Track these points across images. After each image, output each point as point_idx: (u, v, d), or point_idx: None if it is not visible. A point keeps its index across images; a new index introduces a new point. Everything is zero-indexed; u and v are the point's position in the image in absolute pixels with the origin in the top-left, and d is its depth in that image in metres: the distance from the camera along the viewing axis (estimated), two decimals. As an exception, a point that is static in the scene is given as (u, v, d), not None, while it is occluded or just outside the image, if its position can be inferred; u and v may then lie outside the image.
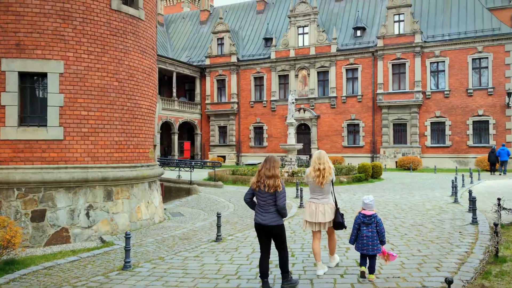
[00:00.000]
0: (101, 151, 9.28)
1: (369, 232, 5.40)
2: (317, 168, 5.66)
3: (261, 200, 5.18)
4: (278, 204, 5.10)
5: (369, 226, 5.42)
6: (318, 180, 5.62)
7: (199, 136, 41.59)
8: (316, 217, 5.70)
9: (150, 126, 10.74)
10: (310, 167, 5.87)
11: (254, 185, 5.19)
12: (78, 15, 8.83)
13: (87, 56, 8.98)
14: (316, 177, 5.65)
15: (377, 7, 37.32)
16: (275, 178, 5.10)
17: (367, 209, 5.52)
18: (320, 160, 5.71)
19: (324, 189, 5.72)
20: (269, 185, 5.05)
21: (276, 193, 5.07)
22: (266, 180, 5.07)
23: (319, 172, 5.63)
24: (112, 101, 9.43)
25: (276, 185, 5.06)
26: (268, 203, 5.12)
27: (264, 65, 38.54)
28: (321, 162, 5.69)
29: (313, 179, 5.70)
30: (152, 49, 10.89)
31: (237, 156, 39.70)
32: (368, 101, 34.47)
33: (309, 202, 5.89)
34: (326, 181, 5.65)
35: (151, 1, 10.73)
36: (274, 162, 5.20)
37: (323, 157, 5.77)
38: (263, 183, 5.10)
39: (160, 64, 36.63)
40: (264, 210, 5.14)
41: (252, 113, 39.13)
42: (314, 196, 5.82)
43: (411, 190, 16.33)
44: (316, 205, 5.74)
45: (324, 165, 5.66)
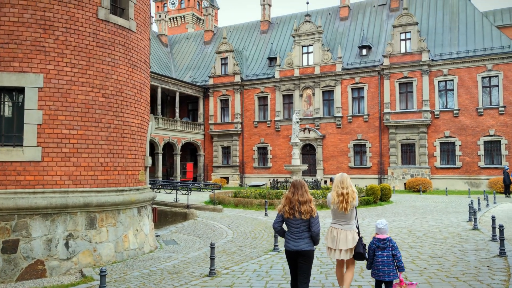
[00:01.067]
0: (84, 173, 8.41)
1: (384, 256, 5.16)
2: (340, 192, 5.36)
3: (293, 227, 5.00)
4: (314, 231, 4.95)
5: (384, 250, 5.18)
6: (342, 205, 5.33)
7: (202, 157, 40.75)
8: (337, 243, 5.41)
9: (140, 146, 9.88)
10: (332, 191, 5.50)
11: (286, 213, 4.99)
12: (61, 24, 8.10)
13: (70, 69, 8.20)
14: (339, 203, 5.35)
15: (382, 25, 36.84)
16: (309, 203, 4.97)
17: (380, 233, 5.30)
18: (343, 184, 5.42)
19: (347, 215, 5.42)
20: (304, 211, 4.91)
21: (311, 218, 4.93)
22: (300, 206, 4.91)
23: (342, 197, 5.34)
24: (97, 118, 8.60)
25: (311, 210, 4.93)
26: (301, 230, 4.97)
27: (268, 85, 37.94)
28: (344, 186, 5.40)
29: (336, 204, 5.39)
30: (144, 63, 10.13)
31: (241, 177, 38.72)
32: (374, 120, 33.58)
33: (331, 227, 5.60)
34: (350, 206, 5.35)
35: (143, 12, 10.03)
36: (305, 187, 5.09)
37: (346, 180, 5.46)
38: (297, 210, 4.93)
39: (163, 84, 36.16)
40: (297, 236, 4.97)
41: (256, 134, 38.33)
42: (337, 222, 5.54)
43: (423, 214, 15.25)
44: (338, 231, 5.47)
45: (348, 189, 5.37)
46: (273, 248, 9.23)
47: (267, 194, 22.06)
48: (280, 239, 9.71)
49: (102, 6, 8.65)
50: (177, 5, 60.86)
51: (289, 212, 4.98)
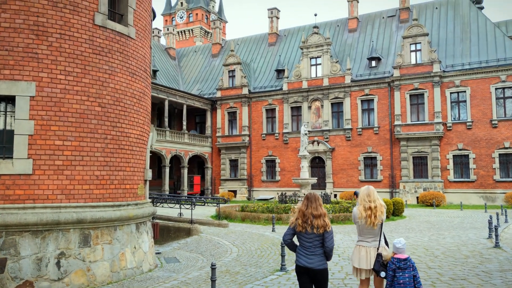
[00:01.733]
0: (78, 187, 7.91)
1: (406, 278, 4.82)
2: (368, 206, 5.03)
3: (306, 242, 4.77)
4: (327, 246, 4.73)
5: (405, 271, 4.83)
6: (370, 220, 5.00)
7: (209, 170, 40.23)
8: (367, 262, 5.07)
9: (139, 158, 9.39)
10: (359, 206, 5.16)
11: (299, 227, 4.76)
12: (55, 30, 7.70)
13: (64, 77, 7.77)
14: (367, 217, 5.00)
15: (392, 37, 36.35)
16: (324, 217, 4.73)
17: (399, 253, 4.92)
18: (370, 197, 5.09)
19: (375, 231, 5.09)
20: (318, 225, 4.68)
21: (325, 233, 4.72)
22: (314, 220, 4.69)
23: (370, 211, 5.01)
24: (93, 129, 8.13)
25: (325, 225, 4.70)
26: (315, 245, 4.74)
27: (276, 97, 37.51)
28: (372, 200, 5.07)
29: (364, 219, 5.04)
30: (144, 72, 9.69)
31: (249, 190, 38.07)
32: (385, 133, 32.86)
33: (357, 246, 5.23)
34: (378, 221, 5.03)
35: (143, 18, 9.63)
36: (319, 200, 4.87)
37: (373, 193, 5.13)
38: (311, 224, 4.70)
39: (171, 96, 35.92)
40: (310, 252, 4.74)
41: (264, 146, 37.78)
42: (364, 238, 5.18)
43: (439, 231, 14.47)
44: (367, 249, 5.11)
45: (375, 203, 5.05)
46: (280, 268, 8.59)
47: (275, 208, 21.41)
48: (289, 257, 9.08)
49: (99, 11, 8.26)
50: (185, 18, 61.11)
51: (302, 226, 4.76)
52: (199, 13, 60.68)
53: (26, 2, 7.47)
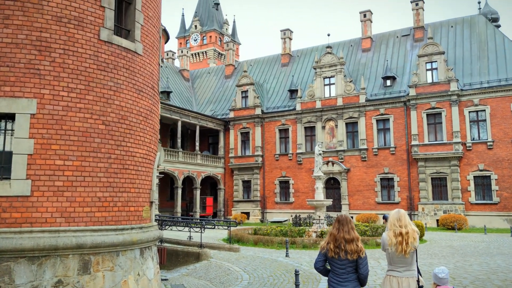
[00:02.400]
0: (79, 209, 7.45)
1: None
2: (399, 232, 4.59)
3: (338, 268, 4.51)
4: (362, 273, 4.46)
5: None
6: (401, 247, 4.54)
7: (222, 191, 39.70)
8: None
9: (145, 179, 8.93)
10: (388, 231, 4.73)
11: (331, 252, 4.52)
12: (58, 46, 7.40)
13: (66, 94, 7.42)
14: (398, 244, 4.56)
15: (407, 56, 35.89)
16: (357, 242, 4.48)
17: (441, 285, 4.40)
18: (401, 222, 4.65)
19: (407, 259, 4.63)
20: (351, 250, 4.43)
21: (359, 259, 4.46)
22: (346, 245, 4.44)
23: (401, 237, 4.57)
24: (96, 148, 7.73)
25: (359, 250, 4.44)
26: (347, 271, 4.49)
27: (289, 117, 37.12)
28: (403, 224, 4.63)
29: (394, 246, 4.61)
30: (152, 89, 9.33)
31: (262, 212, 37.35)
32: (402, 153, 32.04)
33: (388, 276, 4.79)
34: (410, 248, 4.56)
35: (151, 34, 9.33)
36: (351, 223, 4.60)
37: (404, 217, 4.69)
38: (343, 249, 4.45)
39: (184, 117, 35.83)
40: (343, 279, 4.49)
41: (277, 167, 37.20)
42: (395, 268, 4.72)
43: (464, 256, 13.59)
44: (398, 279, 4.66)
45: (407, 228, 4.60)
46: (294, 298, 7.95)
47: (289, 231, 20.71)
48: (303, 285, 8.43)
49: (105, 26, 7.97)
50: (199, 41, 61.75)
51: (334, 251, 4.51)
52: (212, 36, 61.29)
53: (29, 17, 7.21)
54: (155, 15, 9.49)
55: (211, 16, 62.44)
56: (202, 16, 62.71)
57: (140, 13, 8.79)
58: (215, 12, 63.06)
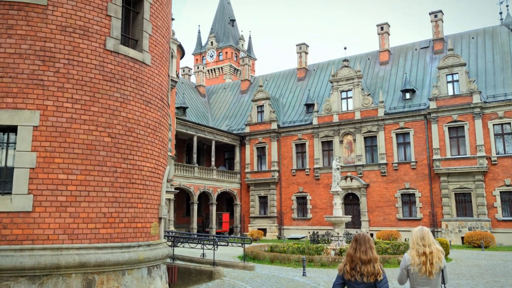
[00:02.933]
0: (83, 226, 7.10)
1: None
2: (422, 251, 4.29)
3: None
4: None
5: None
6: (425, 268, 4.25)
7: (238, 207, 39.19)
8: None
9: (154, 193, 8.56)
10: (411, 250, 4.43)
11: (347, 274, 4.24)
12: (63, 56, 7.18)
13: (71, 105, 7.17)
14: (421, 264, 4.27)
15: (426, 68, 35.15)
16: (374, 263, 4.16)
17: None
18: (424, 241, 4.35)
19: (432, 281, 4.30)
20: (367, 272, 4.13)
21: (377, 283, 4.15)
22: (362, 267, 4.14)
23: (425, 257, 4.27)
24: (101, 161, 7.41)
25: (376, 272, 4.14)
26: None
27: (306, 131, 36.60)
28: (426, 244, 4.33)
29: (417, 266, 4.30)
30: (161, 100, 9.04)
31: (279, 229, 36.61)
32: (423, 168, 31.06)
33: None
34: (435, 269, 4.27)
35: (160, 45, 9.08)
36: (369, 242, 4.27)
37: (427, 235, 4.38)
38: (359, 271, 4.15)
39: (199, 132, 35.69)
40: None
41: (294, 182, 36.56)
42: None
43: (494, 277, 12.73)
44: None
45: (431, 247, 4.31)
46: (310, 322, 7.36)
47: (306, 249, 20.04)
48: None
49: (111, 36, 7.73)
50: (215, 57, 62.17)
51: (350, 273, 4.22)
52: (228, 52, 61.65)
53: (33, 27, 7.02)
54: (164, 25, 9.25)
55: (227, 32, 62.93)
56: (218, 33, 63.27)
57: (148, 22, 8.55)
58: (231, 29, 63.57)
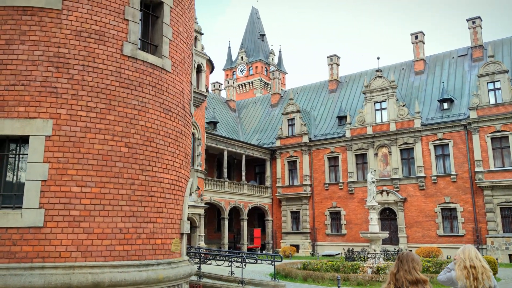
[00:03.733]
0: (97, 242, 6.63)
1: None
2: (464, 266, 4.15)
3: None
4: None
5: None
6: (469, 283, 4.07)
7: (270, 223, 38.31)
8: None
9: (175, 207, 8.03)
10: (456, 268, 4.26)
11: None
12: (77, 62, 6.84)
13: (85, 114, 6.79)
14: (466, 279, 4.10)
15: (464, 76, 33.53)
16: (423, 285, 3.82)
17: None
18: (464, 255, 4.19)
19: None
20: None
21: None
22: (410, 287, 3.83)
23: (466, 271, 4.10)
24: (117, 173, 6.96)
25: None
26: None
27: (339, 144, 35.52)
28: (467, 258, 4.17)
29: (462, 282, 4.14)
30: (182, 109, 8.56)
31: (312, 245, 35.42)
32: (464, 181, 29.32)
33: None
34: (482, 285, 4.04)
35: (182, 51, 8.65)
36: (414, 261, 3.94)
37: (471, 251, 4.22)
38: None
39: (229, 147, 35.31)
40: None
41: (327, 197, 35.40)
42: None
43: (554, 301, 11.37)
44: None
45: (474, 262, 4.12)
46: None
47: (341, 266, 18.95)
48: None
49: (128, 41, 7.36)
50: (245, 72, 62.24)
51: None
52: (258, 66, 61.60)
53: (47, 32, 6.73)
54: (185, 30, 8.82)
55: (257, 47, 63.02)
56: (248, 48, 63.45)
57: (168, 27, 8.14)
58: (261, 43, 63.64)
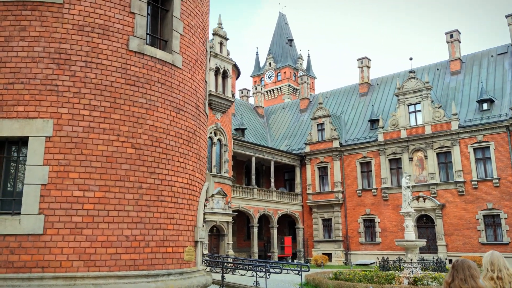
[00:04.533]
0: (101, 251, 6.13)
1: None
2: (489, 276, 3.81)
3: None
4: None
5: None
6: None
7: (301, 230, 37.35)
8: None
9: (187, 213, 7.46)
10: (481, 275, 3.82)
11: None
12: (79, 58, 6.42)
13: (88, 113, 6.34)
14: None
15: (505, 76, 31.70)
16: None
17: None
18: (493, 266, 3.85)
19: None
20: None
21: None
22: None
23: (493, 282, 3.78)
24: (123, 175, 6.46)
25: None
26: None
27: (371, 149, 34.28)
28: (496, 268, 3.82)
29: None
30: (195, 108, 8.02)
31: (345, 254, 34.18)
32: (508, 185, 27.50)
33: None
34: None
35: (194, 46, 8.14)
36: (470, 270, 3.57)
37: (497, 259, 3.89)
38: None
39: (257, 153, 34.77)
40: None
41: (360, 203, 34.15)
42: None
43: None
44: None
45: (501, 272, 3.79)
46: None
47: (375, 276, 17.84)
48: None
49: (135, 35, 6.90)
50: (273, 78, 61.76)
51: None
52: (287, 72, 60.99)
53: (47, 27, 6.35)
54: (198, 25, 8.31)
55: (285, 52, 62.46)
56: (276, 53, 62.98)
57: (179, 21, 7.65)
58: (289, 48, 63.04)
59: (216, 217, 26.83)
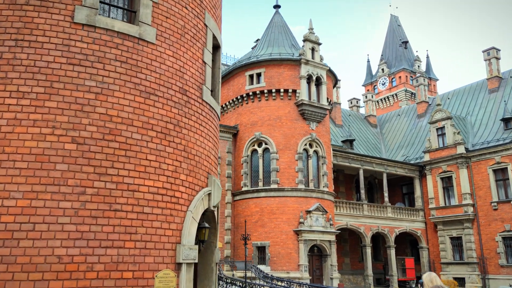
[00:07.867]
0: (21, 276, 4.68)
1: None
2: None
3: None
4: None
5: None
6: None
7: (425, 251, 32.38)
8: None
9: (162, 226, 5.65)
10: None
11: None
12: (9, 36, 5.19)
13: (15, 102, 5.07)
14: None
15: None
16: None
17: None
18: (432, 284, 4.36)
19: None
20: None
21: None
22: None
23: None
24: (58, 178, 5.03)
25: None
26: None
27: (506, 153, 28.35)
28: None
29: None
30: (181, 93, 6.28)
31: (482, 278, 28.42)
32: None
33: None
34: None
35: (180, 17, 6.43)
36: None
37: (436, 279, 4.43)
38: None
39: (365, 165, 31.41)
40: None
41: (496, 218, 28.26)
42: None
43: None
44: None
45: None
46: None
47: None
48: None
49: (83, 4, 5.55)
50: (387, 84, 56.88)
51: None
52: (402, 76, 55.63)
53: (-25, 4, 5.37)
54: (184, -9, 6.68)
55: (399, 56, 57.29)
56: (389, 58, 58.12)
57: (148, -15, 6.12)
58: (404, 51, 57.64)
59: (316, 235, 24.41)
